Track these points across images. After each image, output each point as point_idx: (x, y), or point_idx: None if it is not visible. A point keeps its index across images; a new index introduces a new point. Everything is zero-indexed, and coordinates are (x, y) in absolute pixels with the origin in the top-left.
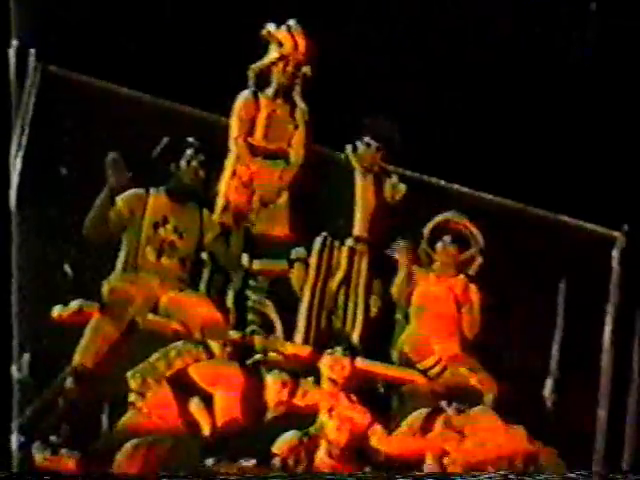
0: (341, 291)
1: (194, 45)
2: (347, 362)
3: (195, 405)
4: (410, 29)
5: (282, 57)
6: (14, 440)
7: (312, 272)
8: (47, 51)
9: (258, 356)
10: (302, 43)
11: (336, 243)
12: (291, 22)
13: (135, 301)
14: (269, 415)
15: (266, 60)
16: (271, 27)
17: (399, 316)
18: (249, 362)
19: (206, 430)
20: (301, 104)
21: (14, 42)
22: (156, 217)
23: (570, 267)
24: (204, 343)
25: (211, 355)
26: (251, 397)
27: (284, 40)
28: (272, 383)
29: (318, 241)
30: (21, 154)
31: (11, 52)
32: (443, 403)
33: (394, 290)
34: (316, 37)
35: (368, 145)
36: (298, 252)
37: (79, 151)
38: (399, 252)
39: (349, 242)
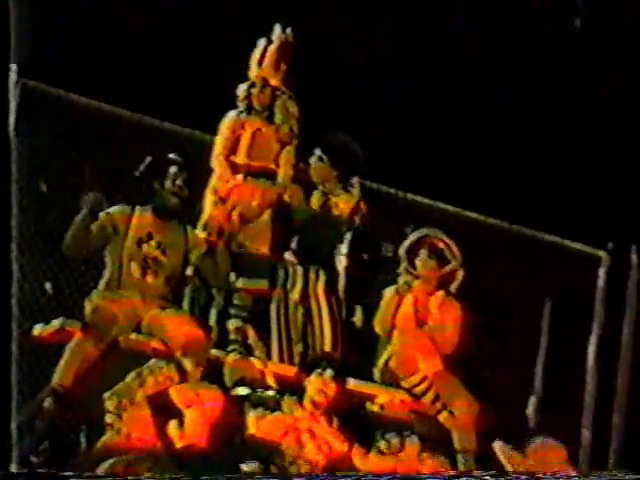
0: (312, 311)
1: (181, 65)
2: (334, 386)
3: (173, 427)
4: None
5: (257, 78)
6: None
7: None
8: (29, 67)
9: (246, 391)
10: (273, 65)
11: (296, 267)
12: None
13: (118, 320)
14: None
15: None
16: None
17: (381, 335)
18: (235, 393)
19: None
20: (285, 123)
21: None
22: (140, 233)
23: (555, 286)
24: (177, 361)
25: (184, 373)
26: (225, 424)
27: (257, 62)
28: (253, 418)
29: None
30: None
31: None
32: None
33: (377, 316)
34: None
35: (320, 159)
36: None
37: (60, 168)
38: None
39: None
